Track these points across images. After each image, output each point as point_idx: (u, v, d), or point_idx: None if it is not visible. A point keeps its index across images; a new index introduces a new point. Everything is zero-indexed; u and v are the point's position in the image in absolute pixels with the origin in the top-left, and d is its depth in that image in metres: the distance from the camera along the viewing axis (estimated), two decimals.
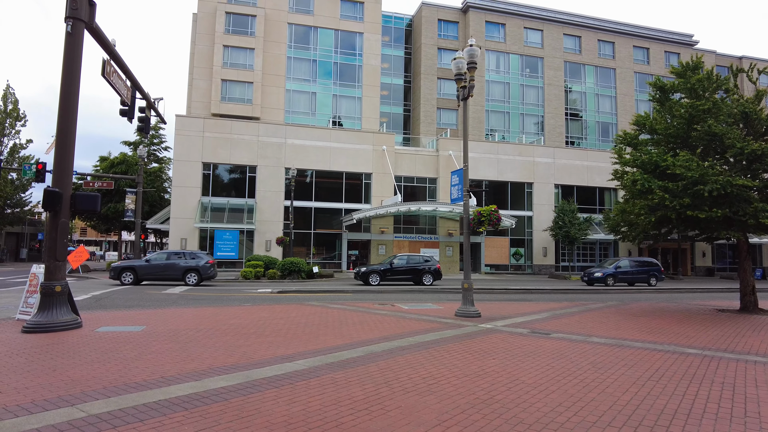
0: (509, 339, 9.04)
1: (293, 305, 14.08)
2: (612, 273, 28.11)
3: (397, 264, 25.11)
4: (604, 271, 28.09)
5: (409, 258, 25.74)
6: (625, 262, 29.36)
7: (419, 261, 25.51)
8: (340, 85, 41.42)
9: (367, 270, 24.46)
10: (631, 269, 28.61)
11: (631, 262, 29.40)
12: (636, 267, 28.94)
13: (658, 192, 13.22)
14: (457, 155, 37.79)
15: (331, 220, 35.69)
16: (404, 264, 25.19)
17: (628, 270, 28.52)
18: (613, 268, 28.45)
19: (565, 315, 13.13)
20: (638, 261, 30.14)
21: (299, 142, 34.32)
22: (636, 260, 30.25)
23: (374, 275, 24.31)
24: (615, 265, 28.72)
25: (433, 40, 45.84)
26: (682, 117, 14.20)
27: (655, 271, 28.79)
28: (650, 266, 29.15)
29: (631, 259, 30.25)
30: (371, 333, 9.21)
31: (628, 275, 28.38)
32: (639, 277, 28.52)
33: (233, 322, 10.32)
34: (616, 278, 28.04)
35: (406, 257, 25.78)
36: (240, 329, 9.41)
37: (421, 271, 24.95)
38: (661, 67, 52.39)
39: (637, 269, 28.76)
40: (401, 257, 25.76)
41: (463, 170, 12.83)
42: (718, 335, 10.05)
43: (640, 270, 28.73)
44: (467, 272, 12.53)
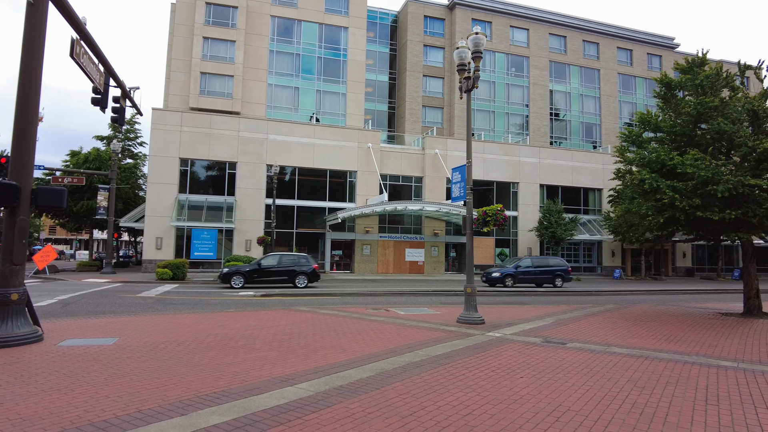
0: (525, 350, 8.23)
1: (280, 311, 13.06)
2: (511, 273, 25.94)
3: (267, 264, 22.19)
4: (502, 271, 26.00)
5: (282, 257, 22.76)
6: (527, 261, 27.22)
7: (293, 261, 22.63)
8: (323, 80, 40.32)
9: (231, 271, 21.49)
10: (534, 269, 26.54)
11: (534, 261, 27.29)
12: (540, 267, 26.83)
13: (667, 192, 12.63)
14: (444, 154, 37.14)
15: (314, 219, 34.60)
16: (275, 264, 22.25)
17: (530, 270, 26.43)
18: (513, 267, 26.34)
19: (571, 320, 12.44)
20: (543, 260, 27.94)
21: (281, 138, 33.12)
22: (541, 259, 28.16)
23: (238, 277, 21.33)
24: (515, 264, 26.64)
25: (419, 36, 45.09)
26: (690, 114, 13.67)
27: (561, 272, 26.73)
28: (556, 266, 27.04)
29: (534, 258, 28.14)
30: (374, 345, 8.29)
31: (531, 275, 26.34)
32: (543, 277, 26.46)
33: (218, 332, 9.27)
34: (515, 279, 25.86)
35: (278, 256, 22.79)
36: (226, 341, 8.38)
37: (295, 272, 22.12)
38: (644, 69, 52.77)
39: (540, 269, 26.66)
40: (272, 256, 22.87)
41: (467, 167, 12.01)
42: (741, 344, 9.44)
43: (544, 270, 26.63)
44: (470, 275, 11.72)
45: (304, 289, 21.60)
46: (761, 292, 15.26)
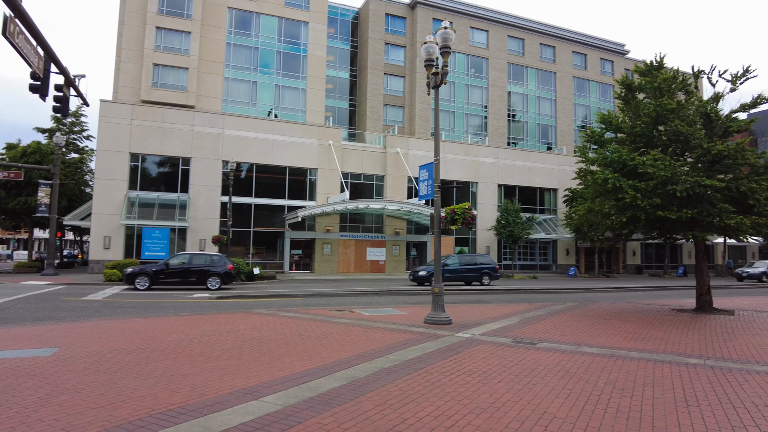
0: (497, 352, 8.04)
1: (238, 314, 12.41)
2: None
3: (175, 264, 20.57)
4: (429, 270, 24.75)
5: (194, 257, 21.34)
6: (454, 259, 26.52)
7: (205, 261, 21.12)
8: (283, 75, 39.30)
9: (135, 271, 19.86)
10: (461, 267, 26.01)
11: (462, 260, 26.76)
12: (467, 265, 26.30)
13: (629, 191, 12.84)
14: (405, 153, 37.01)
15: (273, 218, 33.67)
16: (185, 264, 20.72)
17: (458, 268, 25.81)
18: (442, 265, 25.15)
19: (536, 319, 12.43)
20: (471, 258, 27.46)
21: (239, 133, 32.01)
22: (469, 257, 27.71)
23: (143, 278, 19.61)
24: (443, 263, 24.42)
25: (380, 34, 44.77)
26: (649, 116, 13.97)
27: (489, 270, 26.29)
28: (484, 264, 26.55)
29: (462, 256, 27.57)
30: (342, 350, 7.88)
31: (458, 273, 25.71)
32: (470, 275, 25.98)
33: (172, 339, 8.59)
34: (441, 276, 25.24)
35: (189, 256, 21.35)
36: (182, 349, 7.75)
37: (208, 273, 20.61)
38: (597, 73, 54.54)
39: (468, 267, 26.16)
40: (182, 256, 21.37)
41: (434, 164, 11.76)
42: (701, 340, 9.63)
43: (471, 268, 26.13)
44: (438, 275, 11.48)
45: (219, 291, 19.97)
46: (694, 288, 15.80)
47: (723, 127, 14.25)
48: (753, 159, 13.64)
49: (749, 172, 13.72)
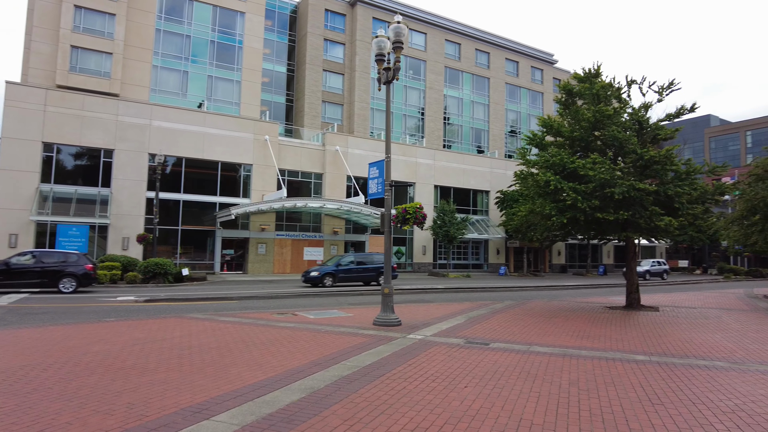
0: (454, 354, 7.85)
1: (171, 319, 11.42)
2: (331, 271, 23.61)
3: (18, 264, 17.82)
4: (322, 270, 23.59)
5: (43, 255, 18.59)
6: (349, 258, 25.20)
7: (59, 260, 18.43)
8: (216, 66, 37.41)
9: None
10: (357, 266, 24.57)
11: (358, 258, 25.39)
12: (364, 264, 24.92)
13: (571, 193, 13.25)
14: (345, 151, 36.55)
15: (203, 216, 31.95)
16: (30, 263, 17.99)
17: (353, 268, 24.42)
18: (333, 265, 24.00)
19: (481, 318, 12.48)
20: (367, 257, 25.93)
21: (168, 125, 30.05)
22: (365, 256, 26.27)
23: None
24: (336, 262, 24.38)
25: (319, 30, 43.93)
26: (588, 121, 14.51)
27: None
28: (380, 263, 24.50)
29: (358, 255, 26.31)
30: (294, 357, 7.34)
31: (354, 273, 24.36)
32: (367, 275, 24.65)
33: (98, 349, 7.64)
34: (336, 277, 23.62)
35: (38, 254, 18.67)
36: (111, 361, 6.87)
37: (60, 273, 18.03)
38: (528, 81, 56.91)
39: (364, 266, 24.77)
40: (27, 253, 18.57)
41: (385, 162, 11.46)
42: (640, 336, 10.02)
43: (369, 267, 24.78)
44: (387, 275, 11.18)
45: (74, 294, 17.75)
46: (617, 286, 16.84)
47: (652, 135, 15.10)
48: (677, 165, 14.59)
49: (673, 177, 14.65)
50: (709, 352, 8.60)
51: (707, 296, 21.90)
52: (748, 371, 7.13)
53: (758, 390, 6.06)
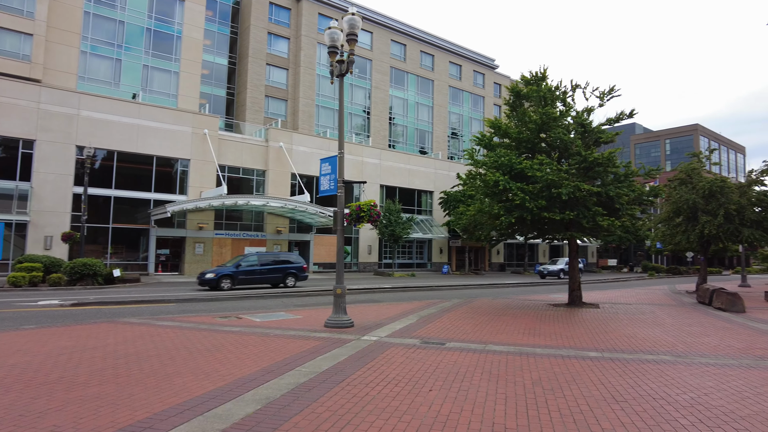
0: (412, 356, 7.63)
1: (103, 324, 10.46)
2: (229, 273, 20.86)
3: None
4: (218, 271, 21.01)
5: None
6: (252, 258, 22.56)
7: None
8: (153, 55, 35.27)
9: None
10: (261, 267, 22.13)
11: (262, 258, 22.82)
12: (268, 264, 22.53)
13: (519, 193, 13.45)
14: (289, 148, 35.65)
15: (136, 213, 30.04)
16: None
17: (256, 269, 21.91)
18: (233, 266, 21.41)
19: (432, 317, 12.39)
20: (273, 257, 23.60)
21: (98, 115, 27.95)
22: (271, 255, 23.83)
23: None
24: (236, 263, 21.76)
25: (263, 23, 42.60)
26: (536, 123, 14.82)
27: (295, 270, 22.86)
28: (289, 263, 23.09)
29: (263, 254, 23.71)
30: (244, 365, 6.83)
31: (257, 275, 21.86)
32: (273, 276, 22.36)
33: (15, 362, 6.75)
34: (235, 280, 20.99)
35: None
36: (31, 375, 6.06)
37: None
38: (470, 84, 58.18)
39: (269, 267, 22.39)
40: None
41: (339, 158, 11.08)
42: (587, 333, 10.28)
43: (274, 268, 22.49)
44: (340, 275, 10.80)
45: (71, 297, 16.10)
46: (554, 284, 17.41)
47: (594, 138, 15.69)
48: (617, 168, 15.23)
49: (612, 179, 15.28)
50: (654, 346, 8.92)
51: (638, 293, 23.17)
52: (692, 364, 7.41)
53: (707, 382, 6.26)
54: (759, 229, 20.91)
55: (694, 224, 21.59)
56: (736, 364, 7.43)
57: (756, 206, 22.06)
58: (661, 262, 62.06)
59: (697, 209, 21.47)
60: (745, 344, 9.27)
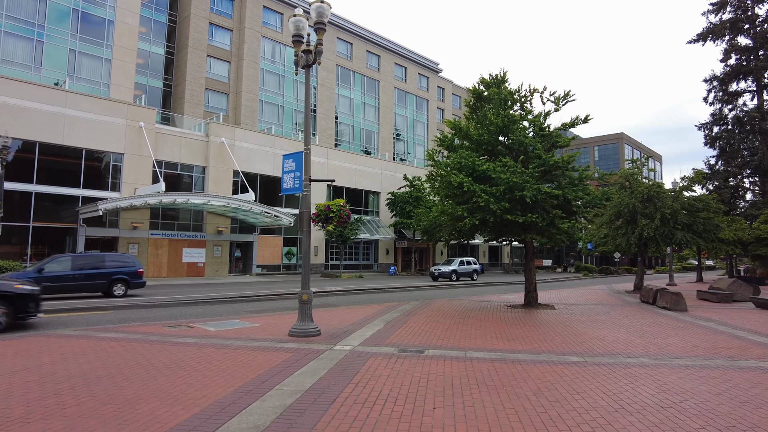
0: (396, 367, 7.13)
1: (33, 338, 9.12)
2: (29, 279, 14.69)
3: None
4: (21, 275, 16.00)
5: None
6: (64, 262, 17.38)
7: None
8: (81, 39, 32.37)
9: None
10: (76, 273, 17.26)
11: (77, 262, 17.64)
12: (88, 269, 17.62)
13: (483, 195, 13.32)
14: (231, 144, 34.02)
15: (61, 211, 27.42)
16: None
17: (68, 275, 17.09)
18: (33, 271, 16.47)
19: (398, 322, 11.96)
20: (94, 260, 18.23)
21: (15, 101, 25.19)
22: (92, 258, 18.40)
23: None
24: (39, 267, 16.84)
25: (204, 12, 40.44)
26: (497, 125, 14.79)
27: (125, 275, 18.27)
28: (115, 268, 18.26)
29: (79, 257, 18.15)
30: (215, 384, 6.03)
31: (69, 282, 17.05)
32: (93, 283, 17.60)
33: None
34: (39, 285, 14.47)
35: None
36: None
37: None
38: (415, 87, 58.53)
39: (88, 273, 17.53)
40: None
41: (304, 154, 10.35)
42: (560, 336, 10.23)
43: (94, 274, 17.66)
44: (306, 280, 10.09)
45: None
46: (499, 284, 17.65)
47: (551, 142, 15.92)
48: (570, 172, 15.53)
49: (567, 183, 15.57)
50: (628, 348, 8.96)
51: (582, 293, 23.99)
52: (674, 366, 7.44)
53: (699, 386, 6.24)
54: (689, 231, 22.23)
55: (634, 227, 22.62)
56: (711, 365, 7.54)
57: (686, 210, 23.51)
58: (591, 262, 65.49)
59: (636, 213, 22.52)
60: (707, 344, 9.55)
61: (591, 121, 15.88)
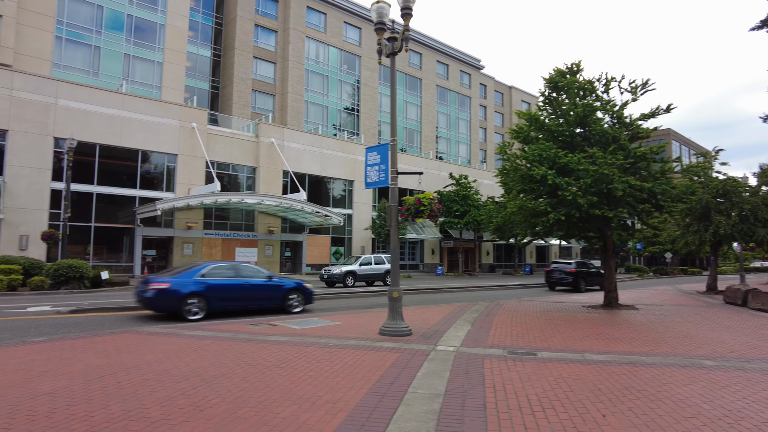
0: (519, 370, 6.55)
1: (126, 335, 8.97)
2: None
3: None
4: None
5: None
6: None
7: None
8: (135, 43, 33.10)
9: None
10: None
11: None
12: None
13: (571, 189, 12.56)
14: (280, 144, 34.08)
15: (119, 211, 27.98)
16: None
17: None
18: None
19: (483, 322, 11.32)
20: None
21: (78, 105, 25.83)
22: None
23: None
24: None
25: (249, 14, 40.82)
26: (578, 115, 13.98)
27: None
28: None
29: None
30: (340, 386, 5.60)
31: None
32: None
33: (52, 389, 5.31)
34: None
35: None
36: (86, 408, 4.67)
37: None
38: (457, 84, 57.61)
39: None
40: None
41: (391, 146, 9.91)
42: (671, 337, 9.42)
43: None
44: (395, 277, 9.64)
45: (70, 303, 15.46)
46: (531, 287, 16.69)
47: (632, 133, 14.97)
48: (653, 164, 14.53)
49: (648, 176, 14.57)
50: (759, 353, 8.09)
51: (651, 294, 22.69)
52: None
53: None
54: None
55: (707, 224, 21.26)
56: None
57: (766, 205, 21.92)
58: (638, 262, 62.93)
59: (710, 209, 21.17)
60: None
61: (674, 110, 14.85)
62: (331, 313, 13.21)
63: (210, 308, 11.95)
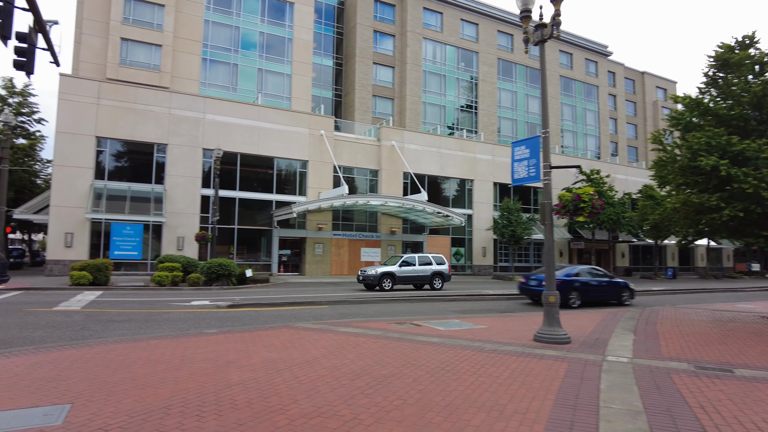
0: (724, 389, 5.63)
1: (283, 330, 9.47)
2: None
3: None
4: None
5: None
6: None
7: None
8: (266, 58, 35.83)
9: None
10: None
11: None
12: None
13: (751, 180, 10.81)
14: (401, 146, 34.48)
15: (258, 215, 30.33)
16: None
17: None
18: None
19: (643, 331, 10.14)
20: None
21: (221, 118, 28.52)
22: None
23: None
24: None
25: (368, 21, 42.03)
26: (755, 94, 12.02)
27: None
28: None
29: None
30: (521, 396, 5.22)
31: None
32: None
33: (239, 379, 5.65)
34: None
35: None
36: (278, 402, 4.86)
37: None
38: (582, 73, 53.84)
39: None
40: None
41: (542, 139, 9.28)
42: None
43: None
44: (551, 280, 8.99)
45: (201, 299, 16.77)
46: (714, 291, 14.28)
47: None
48: None
49: None
50: None
51: None
52: None
53: None
54: None
55: None
56: None
57: None
58: None
59: None
60: None
61: None
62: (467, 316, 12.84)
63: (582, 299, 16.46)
